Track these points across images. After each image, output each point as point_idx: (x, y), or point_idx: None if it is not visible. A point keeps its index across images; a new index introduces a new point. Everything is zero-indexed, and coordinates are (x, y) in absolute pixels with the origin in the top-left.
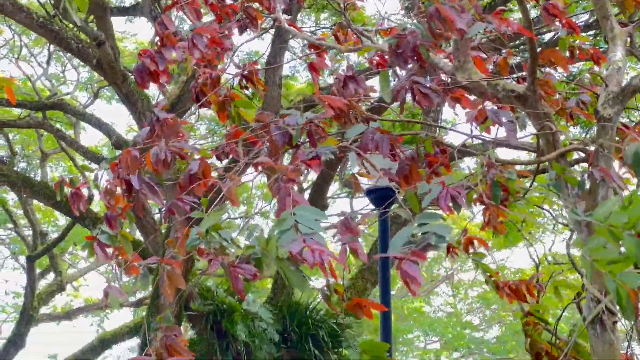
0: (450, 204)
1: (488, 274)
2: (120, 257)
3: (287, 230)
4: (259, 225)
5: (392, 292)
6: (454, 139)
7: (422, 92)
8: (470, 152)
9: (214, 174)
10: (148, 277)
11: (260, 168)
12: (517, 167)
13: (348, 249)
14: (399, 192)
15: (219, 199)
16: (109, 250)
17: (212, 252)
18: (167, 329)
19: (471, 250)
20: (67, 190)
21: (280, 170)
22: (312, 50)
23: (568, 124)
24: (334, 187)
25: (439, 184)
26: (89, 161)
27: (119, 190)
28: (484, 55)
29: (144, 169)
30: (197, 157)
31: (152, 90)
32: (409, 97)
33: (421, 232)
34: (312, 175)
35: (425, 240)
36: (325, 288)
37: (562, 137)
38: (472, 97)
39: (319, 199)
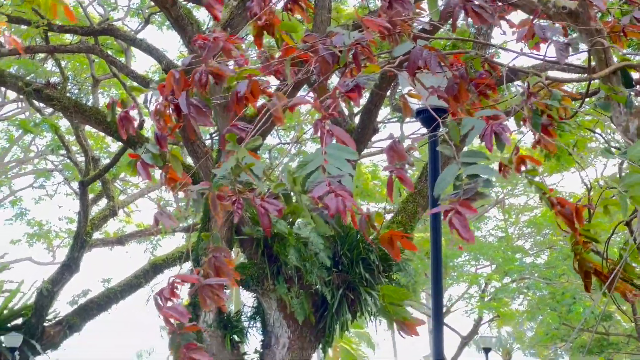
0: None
1: (542, 191)
2: (169, 178)
3: (314, 172)
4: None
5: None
6: (505, 61)
7: (474, 10)
8: (520, 71)
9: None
10: (201, 201)
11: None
12: (567, 88)
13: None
14: (445, 116)
15: (264, 119)
16: (156, 171)
17: (235, 193)
18: (215, 249)
19: (523, 169)
20: (119, 111)
21: (317, 107)
22: None
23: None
24: (384, 112)
25: (482, 119)
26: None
27: (168, 110)
28: None
29: (191, 91)
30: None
31: (202, 14)
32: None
33: (466, 175)
34: (363, 99)
35: (473, 187)
36: (364, 218)
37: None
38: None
39: (369, 123)
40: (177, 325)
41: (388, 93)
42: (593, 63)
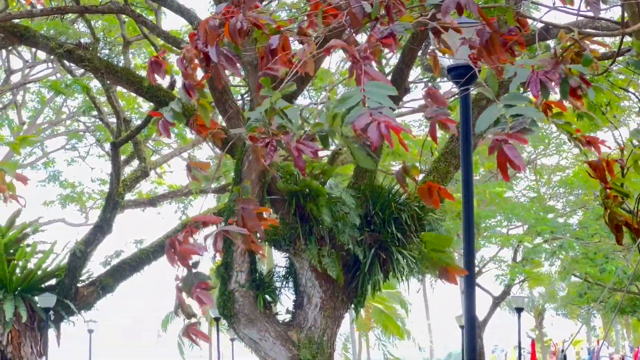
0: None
1: (570, 133)
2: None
3: (355, 106)
4: (330, 102)
5: (475, 177)
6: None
7: None
8: (552, 25)
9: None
10: (239, 132)
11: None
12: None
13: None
14: (479, 71)
15: (294, 70)
16: (187, 132)
17: (269, 135)
18: (245, 201)
19: (550, 114)
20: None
21: (353, 51)
22: None
23: None
24: (415, 73)
25: (528, 67)
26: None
27: (196, 61)
28: None
29: (222, 41)
30: (274, 26)
31: None
32: None
33: (510, 115)
34: (394, 60)
35: (521, 122)
36: (401, 170)
37: None
38: None
39: (400, 83)
40: (192, 264)
41: (419, 53)
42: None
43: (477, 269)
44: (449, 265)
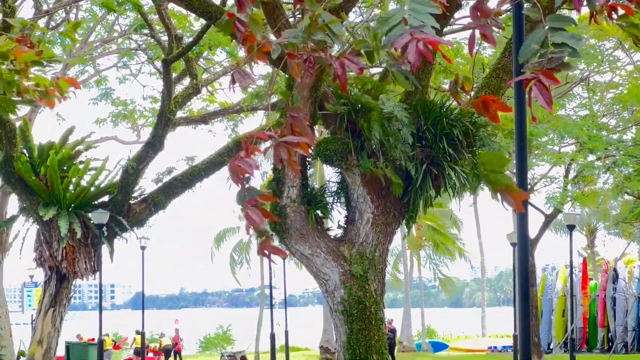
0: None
1: (636, 36)
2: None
3: (396, 26)
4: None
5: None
6: None
7: None
8: None
9: None
10: (278, 51)
11: None
12: None
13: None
14: None
15: None
16: (240, 51)
17: (306, 52)
18: (294, 109)
19: (615, 16)
20: None
21: None
22: None
23: None
24: None
25: None
26: None
27: None
28: None
29: None
30: None
31: None
32: None
33: (552, 43)
34: None
35: (559, 57)
36: (453, 83)
37: None
38: None
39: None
40: (246, 179)
41: None
42: None
43: (529, 187)
44: (509, 188)
